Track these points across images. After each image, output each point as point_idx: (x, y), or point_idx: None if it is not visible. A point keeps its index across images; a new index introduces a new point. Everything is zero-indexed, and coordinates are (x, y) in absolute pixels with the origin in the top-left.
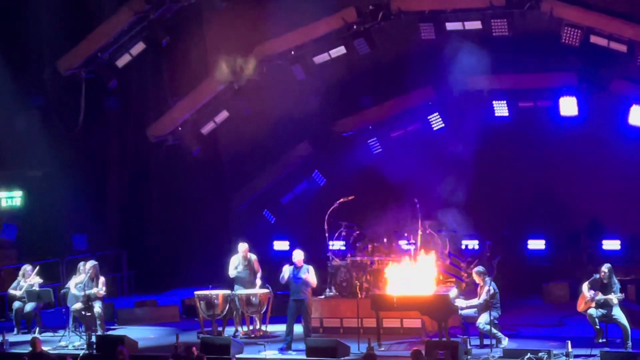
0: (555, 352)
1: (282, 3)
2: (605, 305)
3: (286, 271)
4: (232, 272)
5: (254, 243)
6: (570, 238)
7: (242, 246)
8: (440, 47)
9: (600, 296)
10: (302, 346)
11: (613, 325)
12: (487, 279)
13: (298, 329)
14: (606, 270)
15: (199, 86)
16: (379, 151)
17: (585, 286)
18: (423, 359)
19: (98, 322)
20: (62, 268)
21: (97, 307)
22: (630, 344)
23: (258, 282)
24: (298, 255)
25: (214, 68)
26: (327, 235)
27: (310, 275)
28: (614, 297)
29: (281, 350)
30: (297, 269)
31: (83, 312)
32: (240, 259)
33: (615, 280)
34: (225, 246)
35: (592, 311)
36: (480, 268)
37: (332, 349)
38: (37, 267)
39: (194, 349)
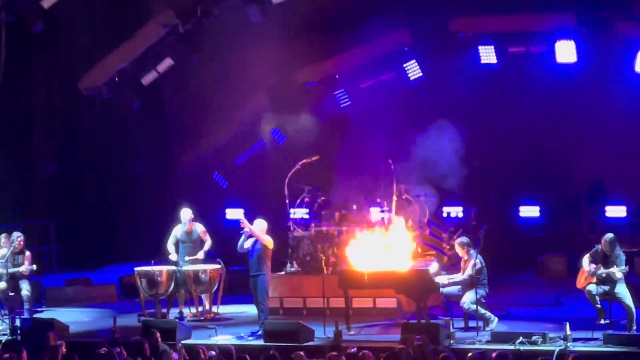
0: (551, 335)
1: None
2: (608, 280)
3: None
4: (170, 246)
5: (204, 211)
6: (569, 204)
7: (186, 212)
8: None
9: (601, 270)
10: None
11: (617, 304)
12: (473, 251)
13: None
14: (607, 241)
15: (138, 29)
16: (347, 104)
17: (585, 259)
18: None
19: (26, 306)
20: None
21: (25, 288)
22: (634, 327)
23: (201, 254)
24: (259, 225)
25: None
26: (287, 201)
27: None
28: (617, 271)
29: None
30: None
31: (8, 293)
32: (183, 229)
33: (618, 252)
34: (169, 215)
35: (592, 287)
36: (463, 239)
37: (293, 332)
38: None
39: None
